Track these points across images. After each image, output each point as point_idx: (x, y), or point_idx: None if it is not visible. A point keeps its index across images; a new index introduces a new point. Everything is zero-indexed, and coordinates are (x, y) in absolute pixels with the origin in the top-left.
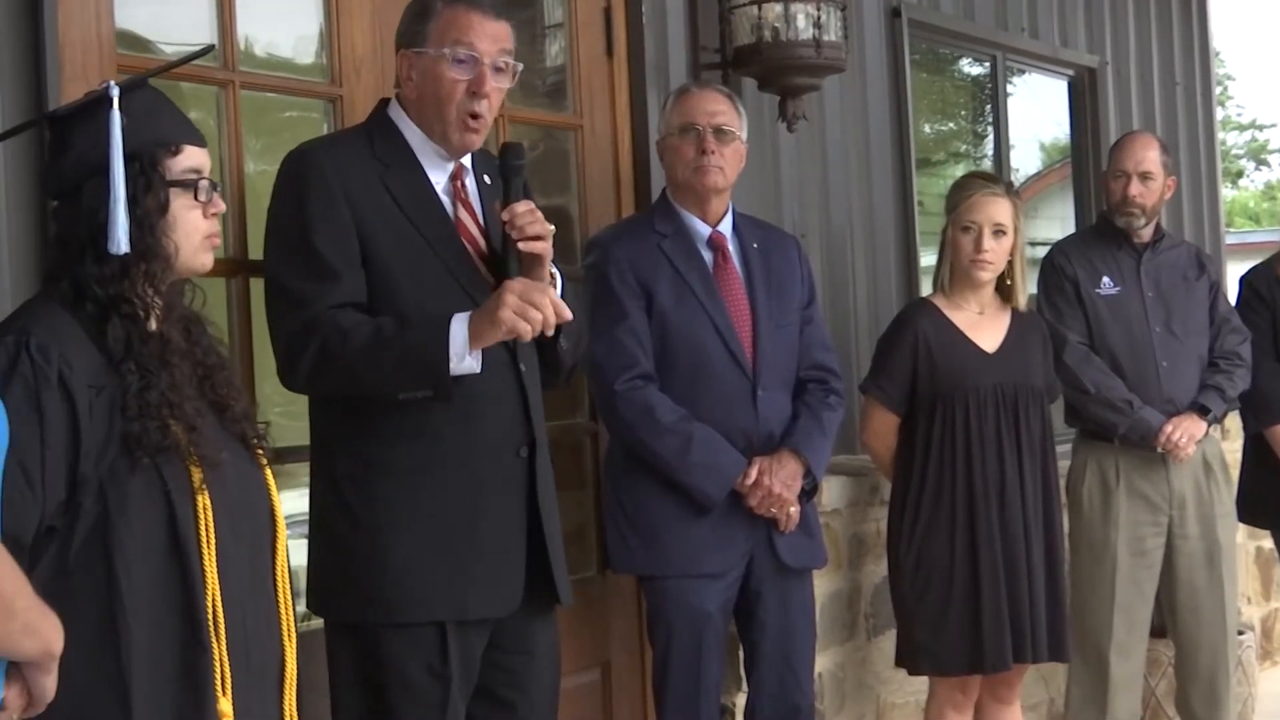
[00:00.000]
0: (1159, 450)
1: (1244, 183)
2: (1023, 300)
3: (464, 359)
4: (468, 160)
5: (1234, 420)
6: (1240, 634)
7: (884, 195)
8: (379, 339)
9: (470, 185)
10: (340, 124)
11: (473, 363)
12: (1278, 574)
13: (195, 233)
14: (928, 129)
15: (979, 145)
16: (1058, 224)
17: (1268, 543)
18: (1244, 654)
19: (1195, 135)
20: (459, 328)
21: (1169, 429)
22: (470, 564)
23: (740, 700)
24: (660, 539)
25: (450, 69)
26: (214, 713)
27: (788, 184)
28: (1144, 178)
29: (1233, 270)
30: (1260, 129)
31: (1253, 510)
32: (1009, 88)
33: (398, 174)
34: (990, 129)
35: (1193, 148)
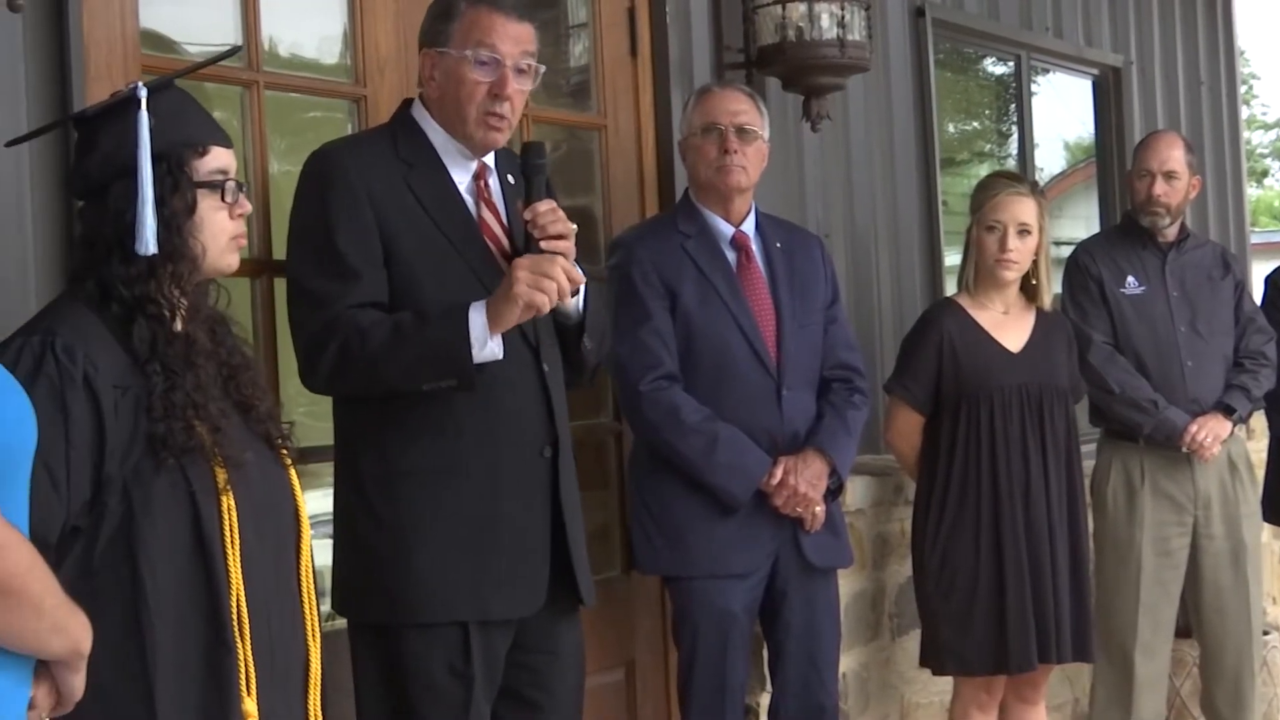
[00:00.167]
0: (1184, 450)
1: (1269, 182)
2: (1048, 300)
3: (485, 345)
4: (491, 160)
5: (1259, 420)
6: (1265, 634)
7: (908, 195)
8: (399, 333)
9: (494, 185)
10: (364, 124)
11: (495, 348)
12: None
13: (222, 234)
14: (952, 128)
15: (1003, 145)
16: (1082, 223)
17: None
18: (1269, 654)
19: (1220, 134)
20: (477, 315)
21: (1194, 429)
22: (493, 564)
23: (764, 700)
24: (685, 539)
25: (472, 70)
26: (239, 713)
27: (812, 184)
28: (1169, 177)
29: (1258, 270)
30: None
31: (1278, 510)
32: (1033, 87)
33: (421, 174)
34: (1014, 128)
35: (1217, 147)
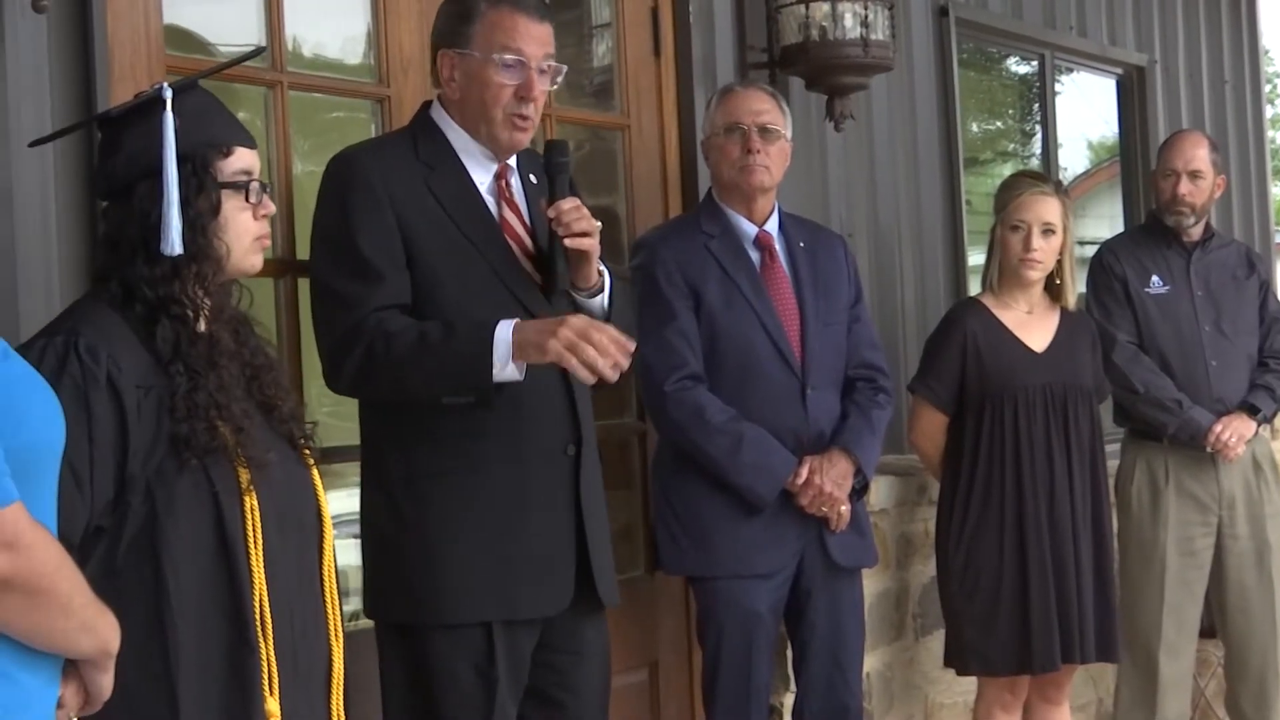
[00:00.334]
0: (1208, 450)
1: None
2: (1072, 299)
3: (507, 366)
4: (513, 160)
5: None
6: None
7: (931, 195)
8: (424, 344)
9: (515, 184)
10: (388, 124)
11: (515, 371)
12: None
13: (246, 234)
14: (975, 128)
15: (1027, 144)
16: (1106, 223)
17: None
18: None
19: (1244, 134)
20: (504, 333)
21: (1218, 428)
22: (519, 563)
23: (788, 700)
24: (711, 539)
25: (498, 73)
26: (261, 713)
27: (835, 184)
28: (1193, 176)
29: None
30: None
31: None
32: (1057, 86)
33: (441, 176)
34: (1038, 128)
35: (1242, 146)
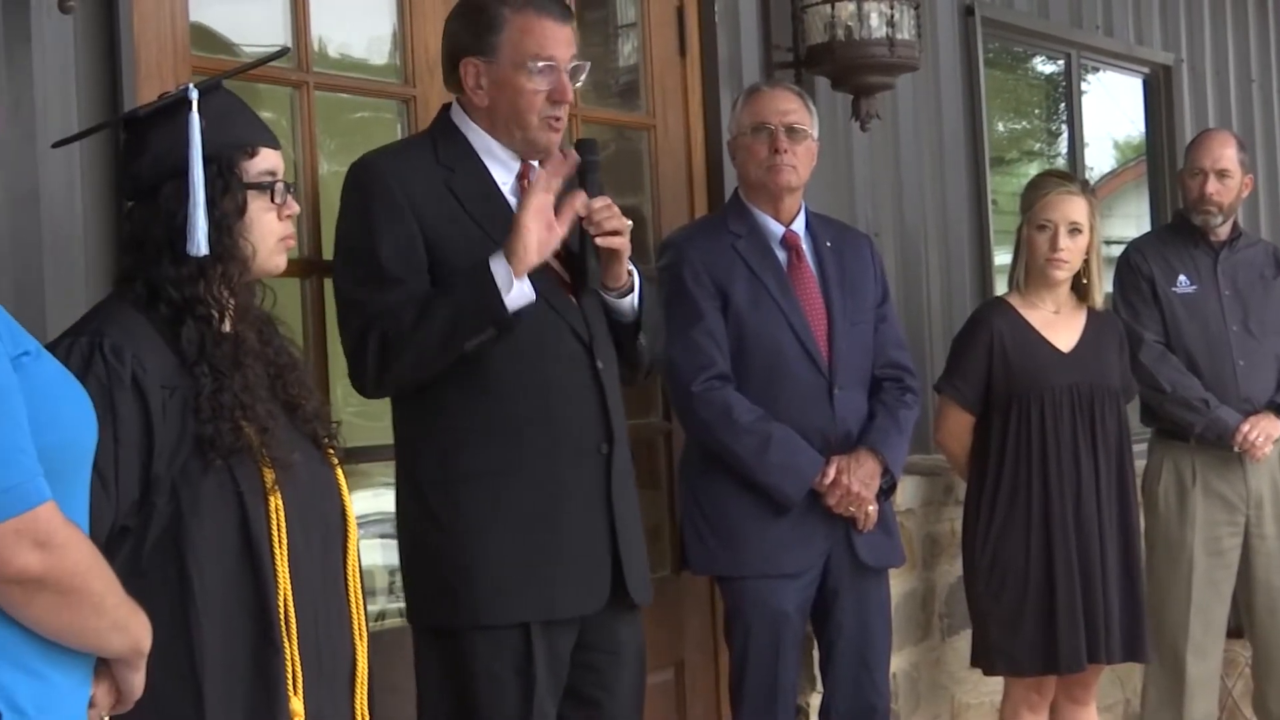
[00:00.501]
0: (1235, 450)
1: None
2: (1099, 299)
3: (513, 286)
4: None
5: None
6: None
7: (957, 194)
8: (429, 305)
9: None
10: (414, 124)
11: (525, 289)
12: None
13: (271, 235)
14: (1001, 127)
15: (1053, 143)
16: (1133, 222)
17: None
18: None
19: (1272, 132)
20: (498, 264)
21: (1245, 428)
22: (555, 563)
23: (814, 700)
24: (738, 539)
25: (530, 80)
26: (286, 712)
27: (861, 183)
28: (1221, 175)
29: None
30: None
31: None
32: (1083, 85)
33: (462, 177)
34: (1064, 127)
35: (1269, 145)
